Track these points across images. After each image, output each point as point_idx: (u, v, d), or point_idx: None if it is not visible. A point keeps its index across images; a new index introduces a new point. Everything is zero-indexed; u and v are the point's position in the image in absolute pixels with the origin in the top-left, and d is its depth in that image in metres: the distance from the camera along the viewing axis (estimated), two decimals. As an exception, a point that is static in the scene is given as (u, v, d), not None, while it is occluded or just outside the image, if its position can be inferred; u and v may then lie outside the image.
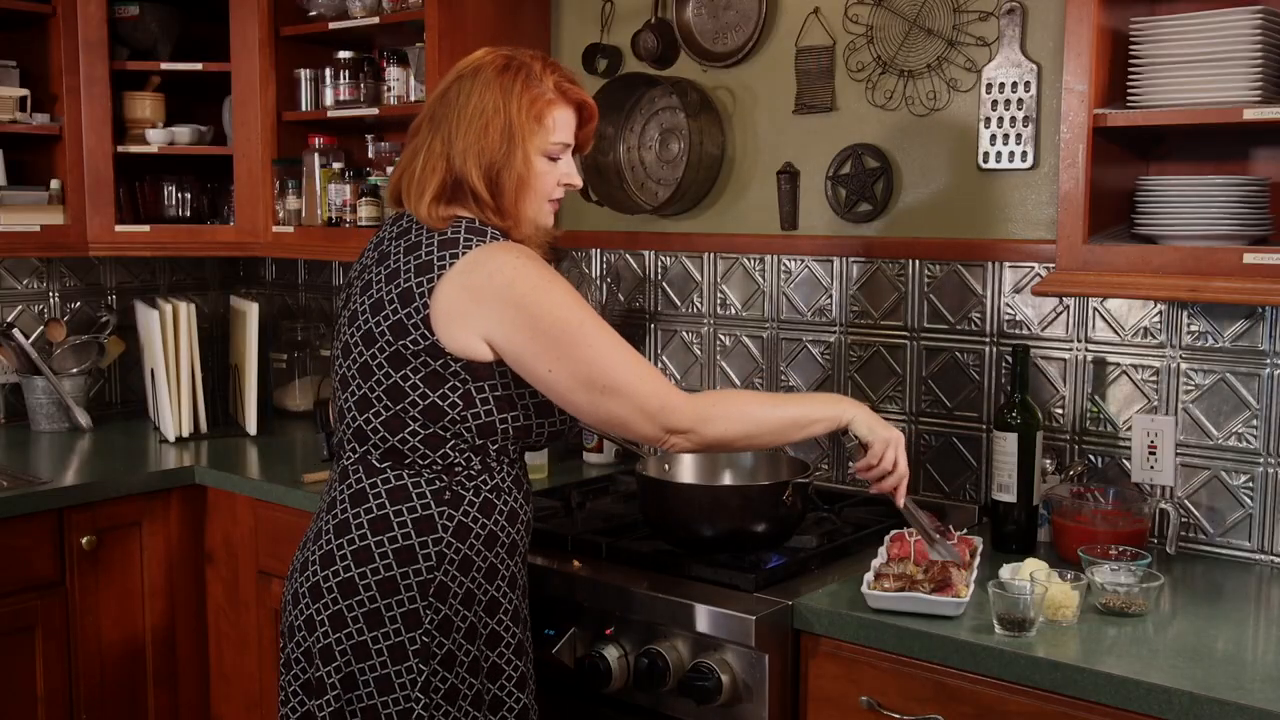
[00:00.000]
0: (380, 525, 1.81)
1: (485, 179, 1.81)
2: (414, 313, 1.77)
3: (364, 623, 1.79)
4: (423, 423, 1.80)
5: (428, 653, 1.79)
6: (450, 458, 1.81)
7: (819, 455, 2.72)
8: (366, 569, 1.80)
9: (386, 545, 1.80)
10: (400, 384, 1.79)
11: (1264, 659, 1.75)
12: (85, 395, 3.42)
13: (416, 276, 1.78)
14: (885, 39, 2.57)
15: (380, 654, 1.79)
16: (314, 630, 1.83)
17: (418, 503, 1.81)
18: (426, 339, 1.77)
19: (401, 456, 1.82)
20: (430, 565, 1.80)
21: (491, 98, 1.80)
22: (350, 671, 1.80)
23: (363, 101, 3.17)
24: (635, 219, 2.98)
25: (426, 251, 1.80)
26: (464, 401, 1.79)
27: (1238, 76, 1.91)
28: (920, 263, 2.55)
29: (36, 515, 2.69)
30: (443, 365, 1.77)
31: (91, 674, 2.80)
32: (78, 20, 3.15)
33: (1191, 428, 2.25)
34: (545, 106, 1.83)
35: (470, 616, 1.83)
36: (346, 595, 1.80)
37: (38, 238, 3.16)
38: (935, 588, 1.90)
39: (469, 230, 1.81)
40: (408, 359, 1.78)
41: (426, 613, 1.79)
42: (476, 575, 1.83)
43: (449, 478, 1.82)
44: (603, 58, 3.00)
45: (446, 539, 1.81)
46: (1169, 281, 1.96)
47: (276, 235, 3.28)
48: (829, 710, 1.95)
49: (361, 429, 1.84)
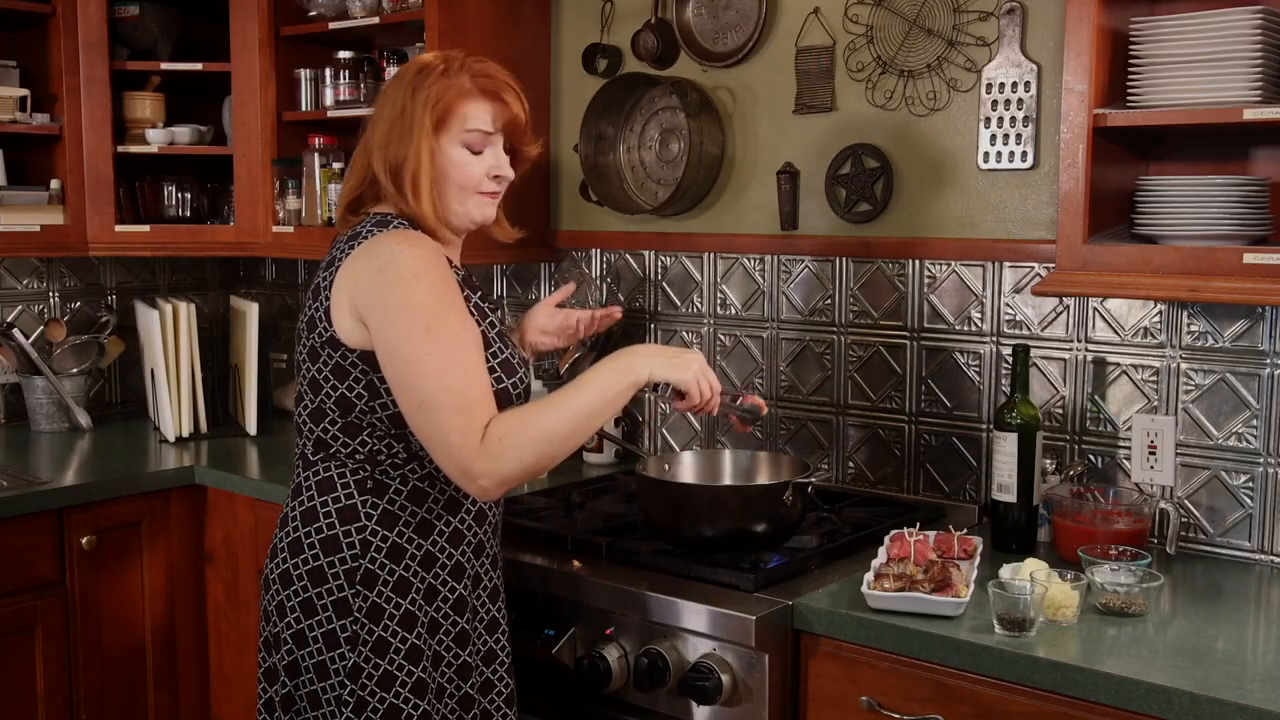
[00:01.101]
0: (309, 516, 1.86)
1: (390, 172, 1.85)
2: (319, 306, 1.83)
3: (300, 611, 1.85)
4: (339, 413, 1.83)
5: (357, 640, 1.82)
6: (370, 445, 1.84)
7: (819, 455, 2.72)
8: (298, 560, 1.85)
9: (314, 535, 1.85)
10: (316, 377, 1.84)
11: (1264, 659, 1.75)
12: (85, 395, 3.42)
13: (323, 271, 1.85)
14: (885, 39, 2.57)
15: (316, 640, 1.84)
16: (269, 620, 1.91)
17: (341, 492, 1.85)
18: (327, 331, 1.81)
19: (327, 447, 1.86)
20: (355, 554, 1.83)
21: (401, 96, 1.86)
22: (294, 658, 1.86)
23: (363, 101, 3.17)
24: (635, 219, 2.98)
25: (336, 247, 1.87)
26: (369, 392, 1.81)
27: (1238, 76, 1.91)
28: (920, 263, 2.55)
29: (36, 515, 2.69)
30: (342, 356, 1.81)
31: (91, 674, 2.80)
32: (78, 20, 3.15)
33: (1191, 428, 2.25)
34: (455, 98, 1.86)
35: (405, 604, 1.84)
36: (285, 585, 1.87)
37: (38, 238, 3.16)
38: (935, 588, 1.90)
39: (375, 224, 1.85)
40: (318, 352, 1.83)
41: (354, 600, 1.82)
42: (410, 563, 1.85)
43: (372, 467, 1.85)
44: (603, 58, 3.00)
45: (371, 526, 1.84)
46: (1169, 281, 1.96)
47: (276, 235, 3.28)
48: (829, 710, 1.95)
49: (297, 423, 1.91)
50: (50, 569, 2.73)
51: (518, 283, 3.24)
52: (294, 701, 1.88)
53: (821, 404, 2.71)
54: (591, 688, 2.08)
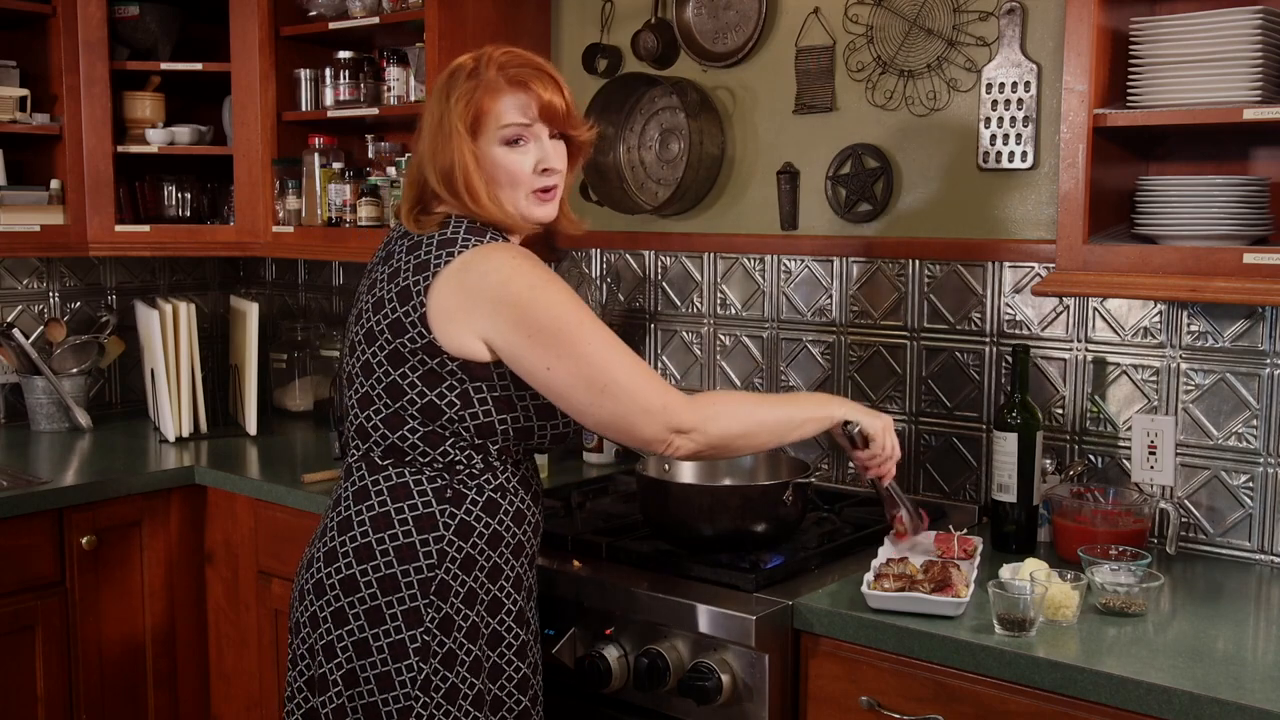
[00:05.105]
0: (381, 522, 1.81)
1: (442, 181, 1.83)
2: (411, 310, 1.78)
3: (365, 620, 1.80)
4: (421, 420, 1.80)
5: (428, 651, 1.79)
6: (451, 455, 1.82)
7: (819, 455, 2.72)
8: (368, 566, 1.80)
9: (388, 542, 1.80)
10: (399, 381, 1.80)
11: (1264, 659, 1.75)
12: (85, 395, 3.42)
13: (414, 275, 1.79)
14: (885, 39, 2.57)
15: (381, 651, 1.79)
16: (318, 627, 1.84)
17: (419, 500, 1.81)
18: (424, 337, 1.77)
19: (402, 454, 1.82)
20: (431, 563, 1.80)
21: (438, 104, 1.85)
22: (352, 668, 1.80)
23: (363, 101, 3.17)
24: (635, 219, 2.98)
25: (425, 250, 1.81)
26: (461, 401, 1.79)
27: (1238, 76, 1.91)
28: (920, 263, 2.55)
29: (36, 515, 2.69)
30: (439, 364, 1.78)
31: (91, 674, 2.80)
32: (78, 20, 3.15)
33: (1191, 428, 2.25)
34: (484, 97, 1.82)
35: (472, 616, 1.83)
36: (348, 592, 1.81)
37: (38, 238, 3.16)
38: (935, 588, 1.90)
39: (469, 230, 1.82)
40: (405, 357, 1.79)
41: (427, 611, 1.79)
42: (479, 574, 1.83)
43: (450, 476, 1.82)
44: (603, 58, 3.00)
45: (448, 537, 1.81)
46: (1169, 281, 1.96)
47: (276, 235, 3.28)
48: (829, 710, 1.95)
49: (364, 426, 1.85)
50: (50, 569, 2.73)
51: (518, 283, 3.23)
52: (346, 714, 1.81)
53: (821, 404, 2.71)
54: (591, 688, 2.08)
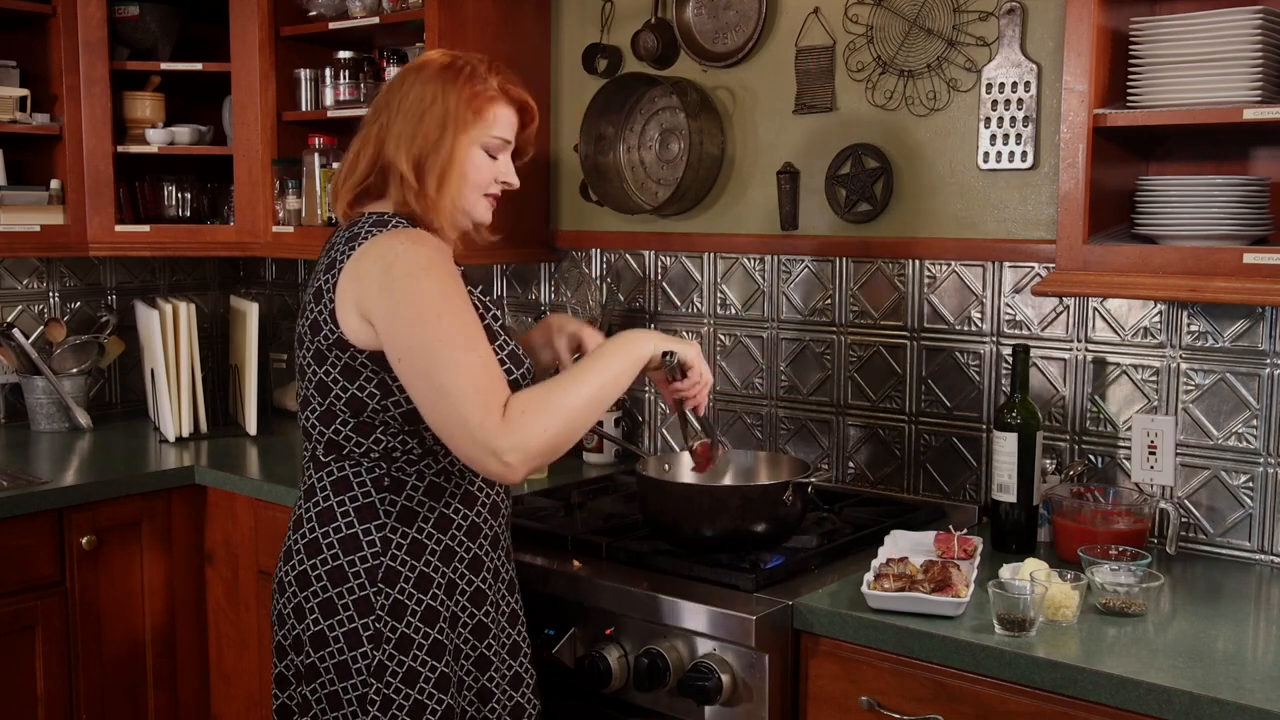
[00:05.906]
0: (325, 517, 1.85)
1: (413, 163, 1.85)
2: (323, 309, 1.82)
3: (319, 613, 1.84)
4: (350, 414, 1.83)
5: (380, 638, 1.82)
6: (385, 443, 1.84)
7: (819, 455, 2.72)
8: (316, 560, 1.85)
9: (332, 535, 1.84)
10: (325, 379, 1.83)
11: (1264, 659, 1.75)
12: (85, 395, 3.42)
13: (325, 273, 1.84)
14: (885, 39, 2.57)
15: (337, 641, 1.83)
16: (283, 623, 1.90)
17: (358, 491, 1.85)
18: (334, 333, 1.80)
19: (340, 448, 1.86)
20: (375, 551, 1.83)
21: (432, 89, 1.87)
22: (312, 661, 1.85)
23: (363, 101, 3.17)
24: (635, 219, 2.98)
25: (335, 249, 1.86)
26: (381, 391, 1.81)
27: (1238, 76, 1.91)
28: (920, 263, 2.55)
29: (36, 515, 2.69)
30: (351, 357, 1.80)
31: (91, 674, 2.80)
32: (78, 20, 3.15)
33: (1191, 428, 2.25)
34: (487, 101, 1.88)
35: (426, 599, 1.85)
36: (303, 587, 1.86)
37: (38, 238, 3.16)
38: (935, 588, 1.90)
39: (373, 223, 1.85)
40: (325, 354, 1.82)
41: (377, 598, 1.82)
42: (431, 558, 1.86)
43: (388, 464, 1.85)
44: (603, 58, 3.00)
45: (390, 524, 1.84)
46: (1169, 281, 1.96)
47: (276, 235, 3.28)
48: (829, 710, 1.95)
49: (305, 427, 1.90)
50: (50, 569, 2.73)
51: (518, 283, 3.24)
52: (310, 706, 1.86)
53: (821, 404, 2.71)
54: (592, 688, 2.08)
